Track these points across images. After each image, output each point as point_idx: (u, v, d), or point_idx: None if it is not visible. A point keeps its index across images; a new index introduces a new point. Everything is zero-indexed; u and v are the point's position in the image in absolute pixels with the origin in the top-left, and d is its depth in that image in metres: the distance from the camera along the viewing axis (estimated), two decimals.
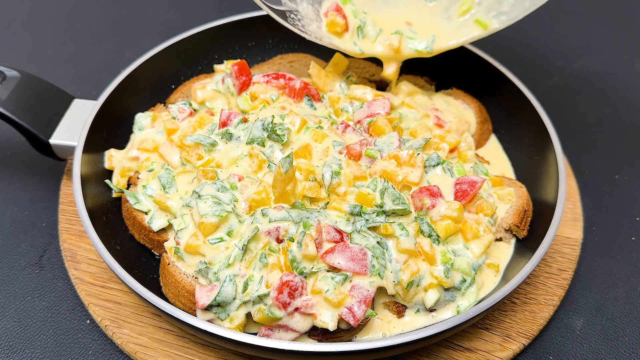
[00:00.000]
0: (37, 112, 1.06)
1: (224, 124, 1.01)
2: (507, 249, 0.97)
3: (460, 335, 0.92)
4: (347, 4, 1.08)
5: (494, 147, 1.18)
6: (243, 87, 1.13)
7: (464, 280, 0.87)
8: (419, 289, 0.86)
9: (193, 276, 0.88)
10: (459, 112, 1.18)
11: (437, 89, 1.28)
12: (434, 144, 1.00)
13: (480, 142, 1.16)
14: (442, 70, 1.30)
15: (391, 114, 1.04)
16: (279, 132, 0.97)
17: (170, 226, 0.96)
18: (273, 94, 1.10)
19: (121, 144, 1.13)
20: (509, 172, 1.13)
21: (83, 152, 1.00)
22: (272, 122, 0.97)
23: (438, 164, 0.97)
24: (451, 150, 1.03)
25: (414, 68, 1.31)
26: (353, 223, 0.88)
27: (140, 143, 1.06)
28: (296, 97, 1.09)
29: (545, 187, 1.00)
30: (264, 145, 0.96)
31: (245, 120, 1.01)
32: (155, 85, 1.22)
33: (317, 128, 1.01)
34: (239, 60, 1.14)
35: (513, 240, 0.98)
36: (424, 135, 1.02)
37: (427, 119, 1.10)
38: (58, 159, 1.10)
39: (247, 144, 0.97)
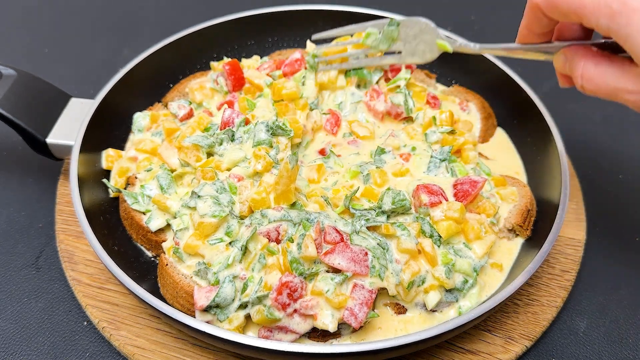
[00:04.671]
0: (33, 111, 1.05)
1: (225, 124, 1.00)
2: (512, 248, 0.96)
3: (462, 337, 0.91)
4: None
5: (502, 142, 1.17)
6: (236, 86, 1.12)
7: (466, 281, 0.87)
8: (420, 289, 0.85)
9: (191, 277, 0.88)
10: (458, 114, 1.17)
11: (438, 81, 1.29)
12: (451, 138, 1.02)
13: (485, 138, 1.15)
14: (443, 68, 1.30)
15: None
16: (283, 127, 0.96)
17: (168, 226, 0.95)
18: (267, 80, 1.12)
19: (119, 143, 1.12)
20: (519, 166, 1.11)
21: (80, 152, 0.99)
22: (274, 122, 0.96)
23: (444, 160, 0.97)
24: (456, 151, 1.02)
25: None
26: (352, 224, 0.87)
27: (138, 143, 1.05)
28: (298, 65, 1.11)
29: (548, 187, 0.99)
30: (271, 146, 0.96)
31: (247, 122, 1.01)
32: (153, 84, 1.21)
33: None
34: (229, 59, 1.13)
35: (518, 240, 0.97)
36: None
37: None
38: (55, 159, 1.09)
39: (253, 146, 0.96)
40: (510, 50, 0.92)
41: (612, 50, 0.78)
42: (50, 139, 1.04)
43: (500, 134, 1.18)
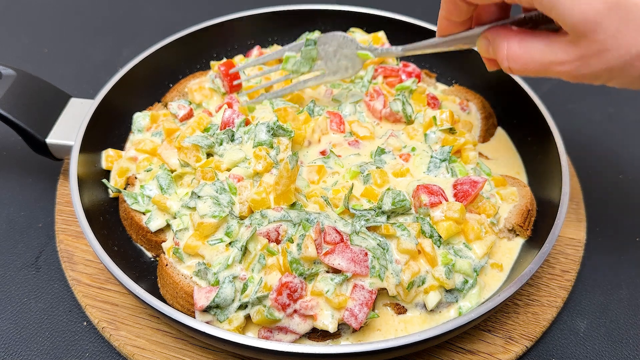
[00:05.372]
0: (33, 111, 1.05)
1: (226, 125, 1.00)
2: (512, 248, 0.96)
3: (462, 337, 0.91)
4: None
5: (502, 142, 1.17)
6: (232, 87, 1.12)
7: (466, 282, 0.86)
8: (420, 290, 0.85)
9: (191, 277, 0.87)
10: (458, 114, 1.17)
11: (438, 81, 1.29)
12: (451, 138, 1.02)
13: (485, 138, 1.15)
14: (443, 68, 1.30)
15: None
16: (284, 127, 0.96)
17: (168, 227, 0.95)
18: (266, 69, 1.15)
19: (119, 143, 1.12)
20: (519, 166, 1.11)
21: (80, 152, 0.99)
22: (275, 122, 0.96)
23: (444, 160, 0.97)
24: (456, 151, 1.02)
25: (415, 60, 1.30)
26: (352, 224, 0.87)
27: (138, 143, 1.05)
28: None
29: (549, 187, 0.99)
30: (272, 147, 0.96)
31: (247, 123, 1.01)
32: (153, 84, 1.21)
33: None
34: (225, 60, 1.13)
35: (518, 240, 0.97)
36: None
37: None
38: (55, 159, 1.09)
39: (253, 147, 0.96)
40: (433, 46, 0.90)
41: (533, 25, 0.76)
42: (49, 139, 1.04)
43: (500, 134, 1.18)
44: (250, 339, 0.74)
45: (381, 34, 1.25)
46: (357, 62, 1.03)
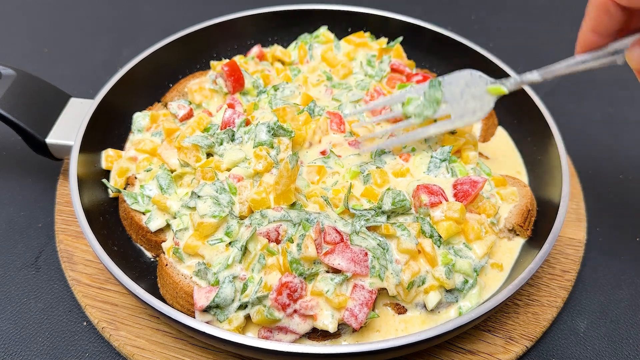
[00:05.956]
0: (33, 111, 1.05)
1: (226, 125, 1.00)
2: (512, 248, 0.96)
3: (462, 337, 0.91)
4: None
5: (503, 142, 1.17)
6: (236, 86, 1.12)
7: (466, 282, 0.86)
8: (420, 290, 0.85)
9: (191, 277, 0.87)
10: None
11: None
12: (451, 138, 1.02)
13: (486, 137, 1.15)
14: (443, 68, 1.30)
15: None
16: (285, 127, 0.96)
17: (168, 227, 0.95)
18: (266, 67, 1.17)
19: (118, 143, 1.12)
20: (520, 166, 1.11)
21: (80, 152, 0.99)
22: (275, 123, 0.96)
23: (444, 160, 0.97)
24: (456, 151, 1.02)
25: (415, 60, 1.30)
26: (352, 224, 0.87)
27: (138, 143, 1.05)
28: None
29: (549, 187, 0.99)
30: (272, 147, 0.96)
31: (248, 123, 1.00)
32: (153, 84, 1.21)
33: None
34: (228, 60, 1.13)
35: (519, 240, 0.97)
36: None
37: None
38: (54, 159, 1.09)
39: (254, 147, 0.96)
40: (576, 65, 0.80)
41: None
42: (49, 139, 1.04)
43: (501, 134, 1.18)
44: (250, 339, 0.74)
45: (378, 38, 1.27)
46: (487, 100, 0.91)
